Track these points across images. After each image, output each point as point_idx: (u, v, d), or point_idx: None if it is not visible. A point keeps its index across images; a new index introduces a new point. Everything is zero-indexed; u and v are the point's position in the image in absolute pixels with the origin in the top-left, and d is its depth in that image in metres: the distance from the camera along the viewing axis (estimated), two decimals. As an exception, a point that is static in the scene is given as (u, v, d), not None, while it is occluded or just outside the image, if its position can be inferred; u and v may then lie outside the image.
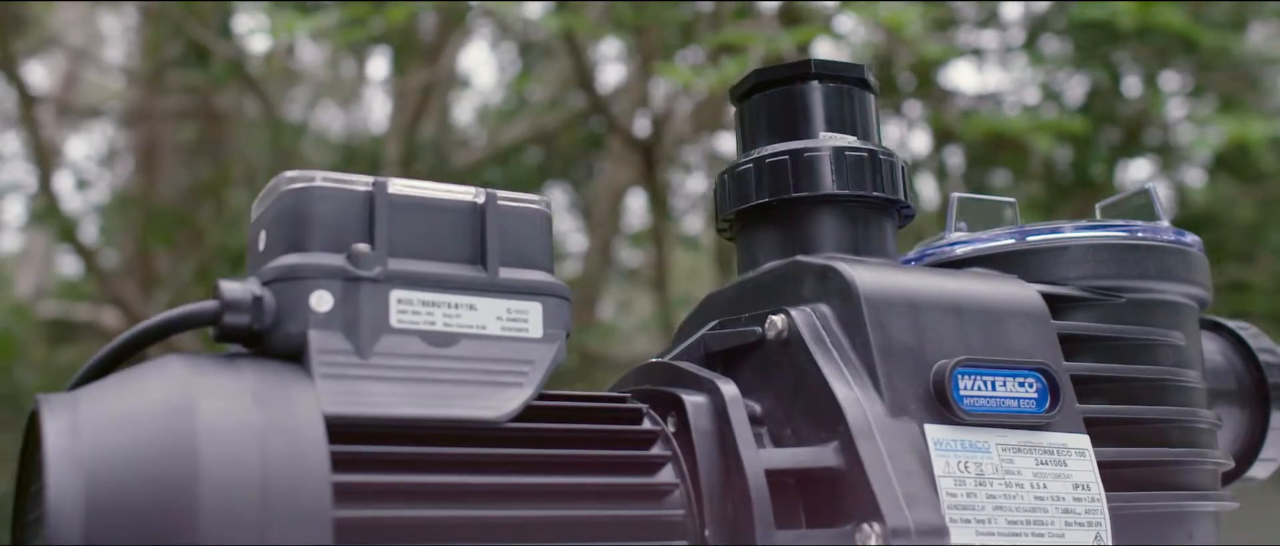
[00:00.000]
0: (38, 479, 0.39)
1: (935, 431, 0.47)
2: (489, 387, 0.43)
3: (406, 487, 0.40)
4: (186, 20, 3.06)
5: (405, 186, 0.45)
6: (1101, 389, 0.53)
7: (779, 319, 0.49)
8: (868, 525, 0.44)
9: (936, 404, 0.48)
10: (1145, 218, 0.58)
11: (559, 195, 4.72)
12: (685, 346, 0.53)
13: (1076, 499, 0.49)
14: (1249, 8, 3.23)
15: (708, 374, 0.48)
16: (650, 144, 3.47)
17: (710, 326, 0.52)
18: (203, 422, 0.38)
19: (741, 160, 0.55)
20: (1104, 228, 0.56)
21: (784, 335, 0.49)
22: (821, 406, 0.47)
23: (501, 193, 0.46)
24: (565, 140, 4.15)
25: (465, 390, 0.43)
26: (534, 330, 0.45)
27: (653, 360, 0.53)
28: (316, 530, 0.38)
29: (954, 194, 0.58)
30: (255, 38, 3.42)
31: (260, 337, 0.42)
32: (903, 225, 0.57)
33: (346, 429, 0.40)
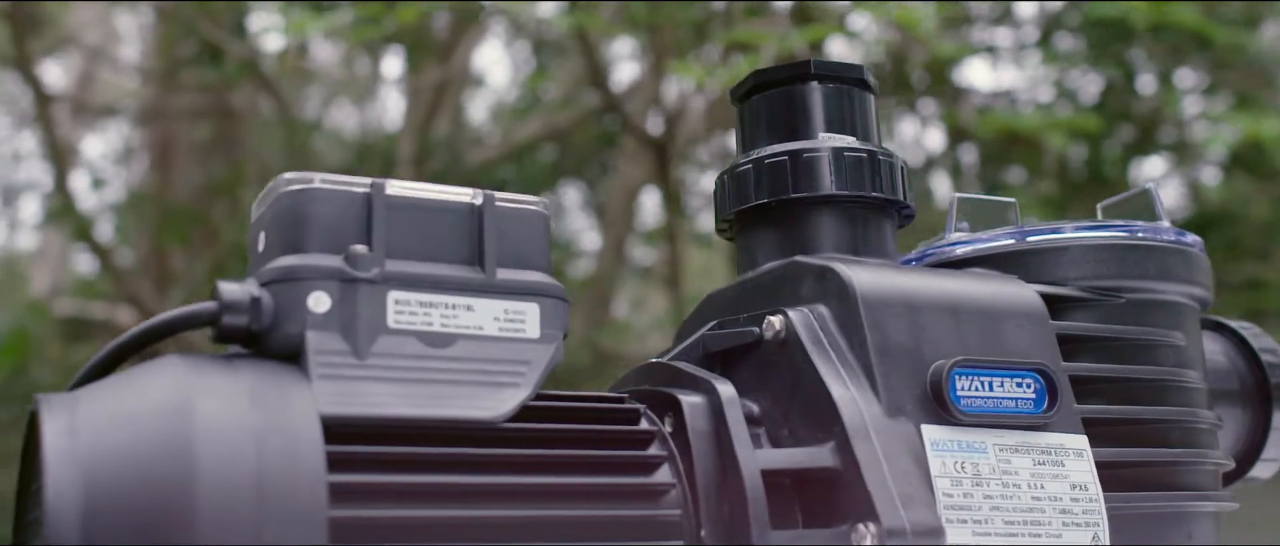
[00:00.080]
0: (37, 478, 0.40)
1: (932, 432, 0.47)
2: (486, 388, 0.44)
3: (402, 487, 0.41)
4: (200, 19, 3.07)
5: (403, 188, 0.45)
6: (1101, 389, 0.53)
7: (777, 319, 0.49)
8: (863, 525, 0.44)
9: (933, 404, 0.48)
10: (1146, 218, 0.58)
11: (573, 193, 4.73)
12: (684, 347, 0.53)
13: (1074, 499, 0.49)
14: (1262, 6, 3.22)
15: (705, 374, 0.48)
16: (663, 142, 3.47)
17: (709, 327, 0.53)
18: (200, 423, 0.38)
19: (741, 161, 0.55)
20: (1104, 228, 0.55)
21: (782, 335, 0.49)
22: (818, 407, 0.47)
23: (499, 194, 0.46)
24: (579, 138, 4.15)
25: (462, 390, 0.43)
26: (531, 331, 0.45)
27: (652, 360, 0.53)
28: (312, 530, 0.38)
29: (954, 194, 0.58)
30: (269, 37, 3.43)
31: (259, 338, 0.43)
32: (902, 225, 0.57)
33: (343, 429, 0.40)
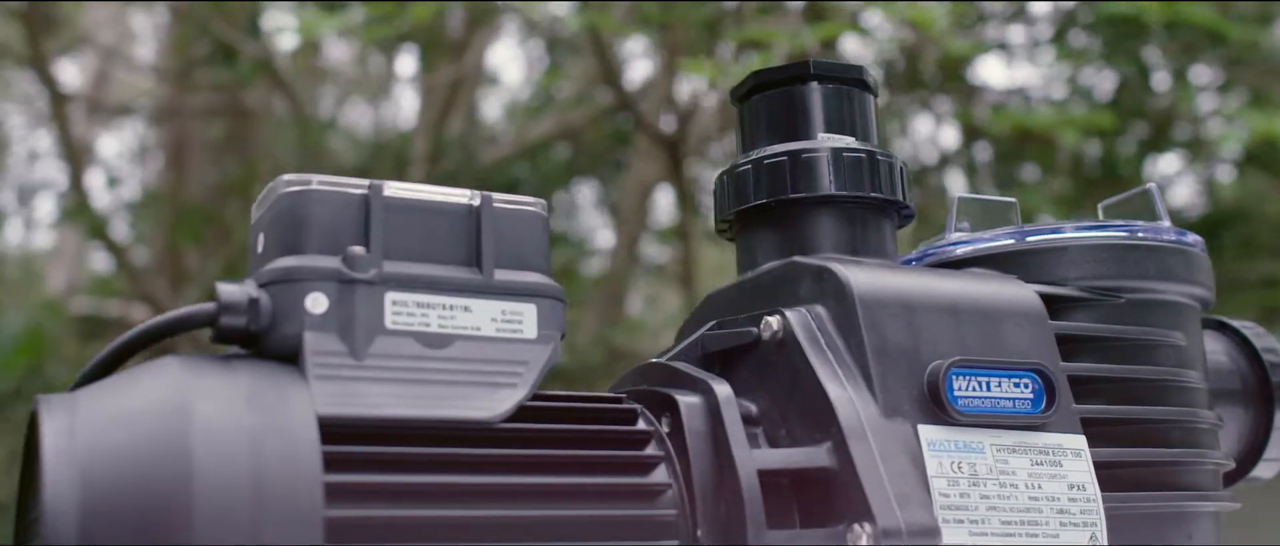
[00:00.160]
0: (36, 478, 0.40)
1: (929, 432, 0.47)
2: (483, 388, 0.44)
3: (399, 487, 0.41)
4: (213, 19, 3.08)
5: (401, 189, 0.45)
6: (1100, 389, 0.53)
7: (774, 320, 0.49)
8: (859, 525, 0.44)
9: (930, 404, 0.48)
10: (1147, 218, 0.58)
11: (587, 191, 4.73)
12: (683, 347, 0.53)
13: (1072, 499, 0.49)
14: (1275, 6, 3.20)
15: (702, 374, 0.48)
16: (676, 140, 3.47)
17: (708, 327, 0.53)
18: (197, 423, 0.39)
19: (741, 161, 0.55)
20: (1104, 228, 0.55)
21: (779, 336, 0.49)
22: (815, 407, 0.47)
23: (497, 195, 0.47)
24: (592, 137, 4.15)
25: (459, 391, 0.43)
26: (528, 331, 0.46)
27: (652, 360, 0.53)
28: (309, 530, 0.38)
29: (954, 194, 0.58)
30: (282, 36, 3.44)
31: (257, 339, 0.43)
32: (902, 225, 0.57)
33: (340, 429, 0.41)
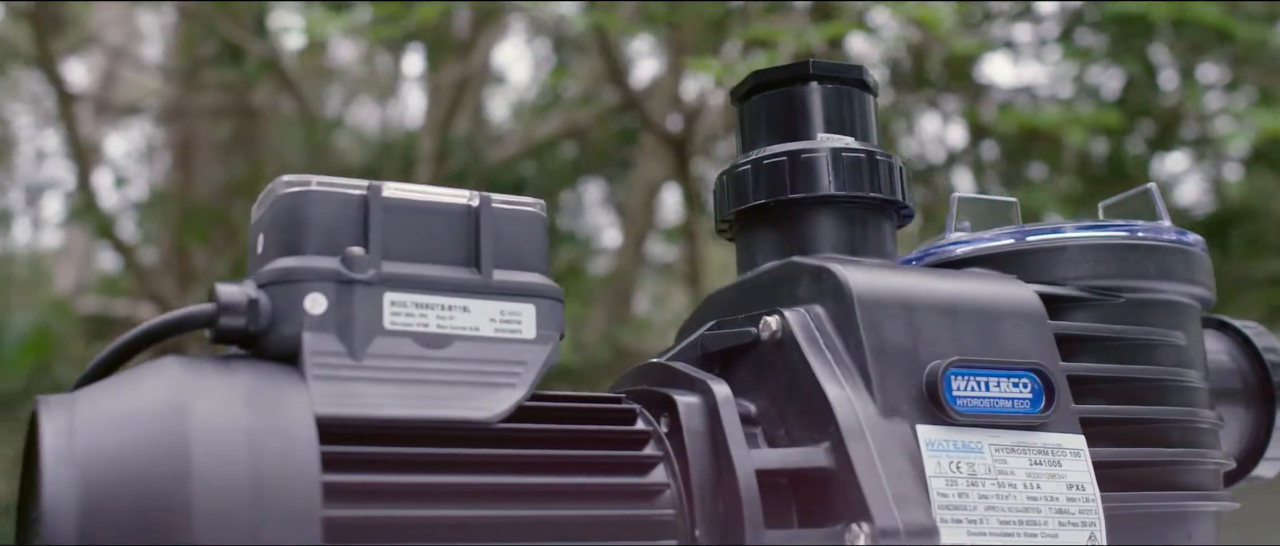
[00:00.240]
0: (36, 478, 0.40)
1: (927, 432, 0.47)
2: (481, 388, 0.44)
3: (396, 487, 0.41)
4: (219, 19, 3.08)
5: (399, 190, 0.45)
6: (1100, 389, 0.53)
7: (773, 320, 0.49)
8: (857, 525, 0.44)
9: (929, 404, 0.48)
10: (1147, 217, 0.58)
11: (593, 190, 4.73)
12: (683, 346, 0.53)
13: (1070, 499, 0.49)
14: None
15: (701, 374, 0.48)
16: (683, 139, 3.46)
17: (708, 327, 0.53)
18: (196, 423, 0.39)
19: (740, 161, 0.56)
20: (1104, 227, 0.55)
21: (778, 336, 0.49)
22: (814, 407, 0.47)
23: (496, 195, 0.47)
24: (599, 135, 4.15)
25: (457, 391, 0.44)
26: (527, 331, 0.46)
27: (652, 360, 0.53)
28: (306, 529, 0.38)
29: (955, 194, 0.59)
30: (289, 36, 3.44)
31: (256, 339, 0.43)
32: (902, 225, 0.57)
33: (338, 429, 0.41)
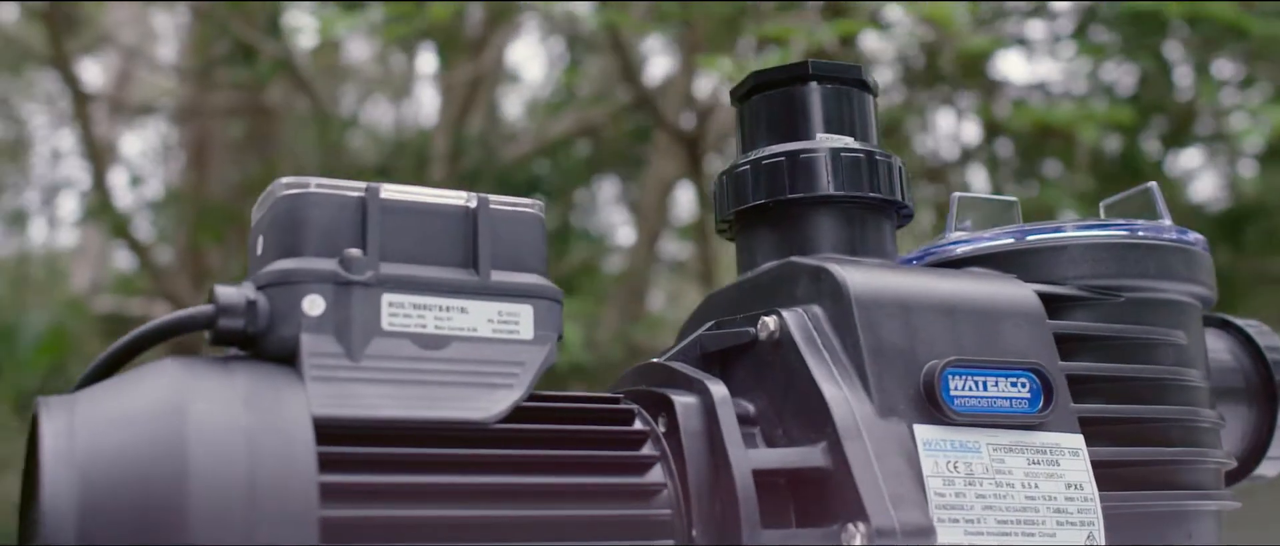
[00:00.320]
0: (36, 479, 0.41)
1: (924, 431, 0.47)
2: (478, 389, 0.44)
3: (393, 488, 0.41)
4: (232, 19, 3.09)
5: (397, 192, 0.46)
6: (1099, 388, 0.53)
7: (771, 320, 0.50)
8: (853, 525, 0.44)
9: (926, 404, 0.48)
10: (1149, 216, 0.58)
11: (607, 188, 4.74)
12: (682, 346, 0.53)
13: (1069, 498, 0.49)
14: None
15: (699, 374, 0.48)
16: (696, 137, 3.46)
17: (707, 327, 0.53)
18: (193, 424, 0.39)
19: (740, 161, 0.56)
20: (1105, 226, 0.55)
21: (776, 336, 0.49)
22: (811, 407, 0.47)
23: (494, 197, 0.47)
24: (612, 133, 4.15)
25: (455, 392, 0.44)
26: (525, 332, 0.46)
27: (652, 360, 0.53)
28: (303, 529, 0.39)
29: (954, 194, 0.59)
30: (302, 35, 3.45)
31: (255, 341, 0.43)
32: (902, 225, 0.57)
33: (335, 430, 0.41)
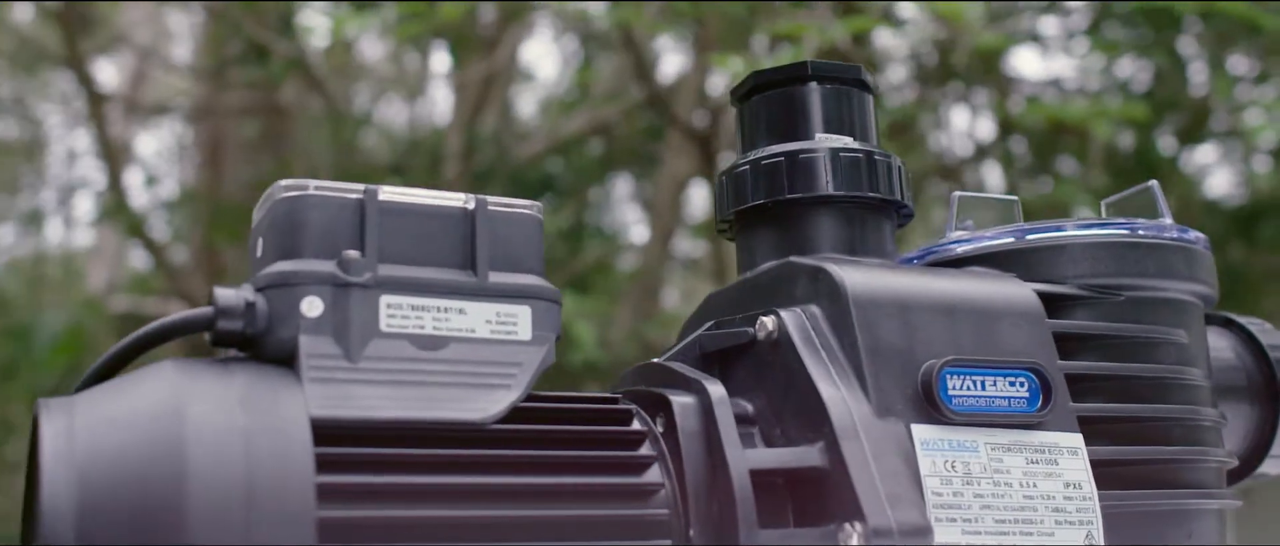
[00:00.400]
0: (36, 479, 0.41)
1: (922, 431, 0.47)
2: (476, 390, 0.44)
3: (391, 488, 0.41)
4: (245, 18, 3.10)
5: (396, 193, 0.46)
6: (1099, 387, 0.53)
7: (769, 320, 0.50)
8: (850, 524, 0.44)
9: (924, 404, 0.48)
10: (1149, 215, 0.58)
11: (621, 186, 4.74)
12: (681, 346, 0.53)
13: (1067, 498, 0.49)
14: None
15: (697, 375, 0.48)
16: (708, 135, 3.46)
17: (706, 327, 0.53)
18: (191, 425, 0.39)
19: (740, 161, 0.56)
20: (1105, 226, 0.55)
21: (774, 336, 0.49)
22: (809, 406, 0.47)
23: (492, 198, 0.47)
24: (625, 131, 4.15)
25: (453, 392, 0.44)
26: (523, 333, 0.46)
27: (651, 361, 0.53)
28: (301, 530, 0.39)
29: (955, 193, 0.59)
30: (315, 34, 3.45)
31: (254, 342, 0.44)
32: (901, 225, 0.57)
33: (333, 431, 0.41)
